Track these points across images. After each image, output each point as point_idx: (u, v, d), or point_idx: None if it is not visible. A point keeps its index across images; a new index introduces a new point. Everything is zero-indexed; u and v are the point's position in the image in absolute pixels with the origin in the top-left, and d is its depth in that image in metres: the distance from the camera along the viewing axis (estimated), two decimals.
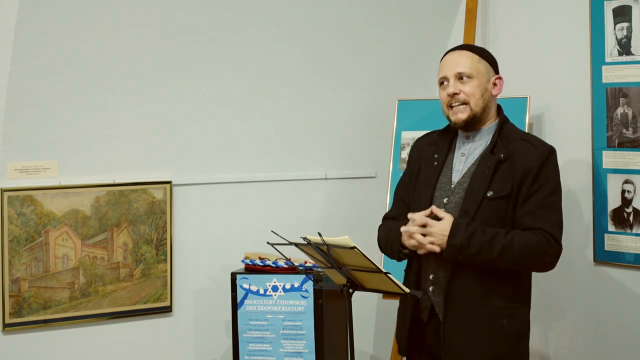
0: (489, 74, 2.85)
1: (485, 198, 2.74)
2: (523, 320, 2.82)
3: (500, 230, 2.72)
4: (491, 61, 2.89)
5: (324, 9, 3.89)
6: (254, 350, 3.52)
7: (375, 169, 4.28)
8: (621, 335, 3.63)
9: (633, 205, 3.56)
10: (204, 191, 3.82)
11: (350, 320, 2.67)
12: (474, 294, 2.74)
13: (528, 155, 2.76)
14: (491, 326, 2.73)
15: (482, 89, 2.82)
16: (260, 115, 3.92)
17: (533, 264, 2.77)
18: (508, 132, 2.84)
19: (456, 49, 2.90)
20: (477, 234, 2.68)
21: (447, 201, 2.82)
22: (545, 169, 2.76)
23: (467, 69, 2.81)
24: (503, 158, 2.76)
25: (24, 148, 3.39)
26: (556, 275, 3.83)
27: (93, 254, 3.55)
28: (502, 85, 2.90)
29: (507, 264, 2.71)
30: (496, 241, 2.68)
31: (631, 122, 3.55)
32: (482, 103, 2.82)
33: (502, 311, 2.75)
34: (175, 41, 3.59)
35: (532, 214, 2.73)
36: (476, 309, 2.73)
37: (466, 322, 2.74)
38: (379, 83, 4.18)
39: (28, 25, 3.22)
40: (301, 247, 2.69)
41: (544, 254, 2.72)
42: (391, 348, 3.97)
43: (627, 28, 3.55)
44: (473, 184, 2.77)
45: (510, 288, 2.78)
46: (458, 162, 2.86)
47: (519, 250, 2.69)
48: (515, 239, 2.69)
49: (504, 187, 2.74)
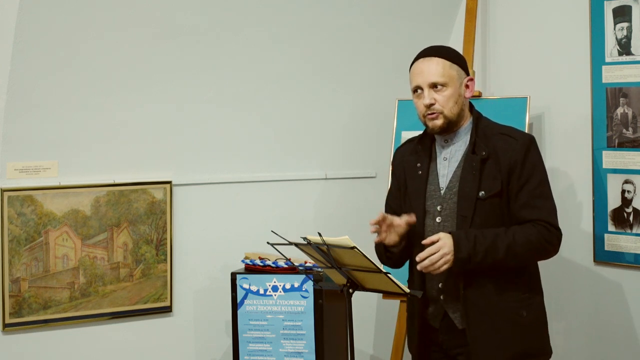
0: (461, 78, 2.83)
1: (478, 199, 2.75)
2: (540, 307, 2.87)
3: (499, 230, 2.72)
4: (461, 63, 2.86)
5: (324, 9, 3.89)
6: (254, 350, 3.52)
7: (375, 169, 4.28)
8: (621, 335, 3.63)
9: (633, 205, 3.56)
10: (204, 191, 3.82)
11: (350, 320, 2.67)
12: (491, 295, 2.75)
13: (510, 148, 2.76)
14: (512, 321, 2.76)
15: (456, 95, 2.81)
16: (261, 115, 3.92)
17: (539, 256, 2.81)
18: (485, 128, 2.84)
19: (426, 54, 2.87)
20: (479, 240, 2.69)
21: (440, 208, 2.81)
22: (530, 158, 2.77)
23: (439, 77, 2.79)
24: (485, 156, 2.76)
25: (24, 148, 3.39)
26: (556, 275, 3.83)
27: (93, 254, 3.55)
28: (474, 86, 2.90)
29: (515, 261, 2.73)
30: (499, 242, 2.69)
31: (631, 122, 3.55)
32: (456, 109, 2.81)
33: (519, 303, 2.78)
34: (175, 41, 3.59)
35: (527, 206, 2.75)
36: (496, 310, 2.75)
37: (489, 325, 2.75)
38: (379, 83, 4.18)
39: (28, 25, 3.22)
40: (301, 247, 2.69)
41: (547, 244, 2.75)
42: (391, 348, 3.97)
43: (627, 28, 3.55)
44: (463, 187, 2.77)
45: (521, 279, 2.81)
46: (442, 167, 2.86)
47: (522, 246, 2.71)
48: (517, 235, 2.71)
49: (493, 185, 2.75)
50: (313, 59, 3.97)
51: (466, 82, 2.85)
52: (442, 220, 2.81)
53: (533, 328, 2.82)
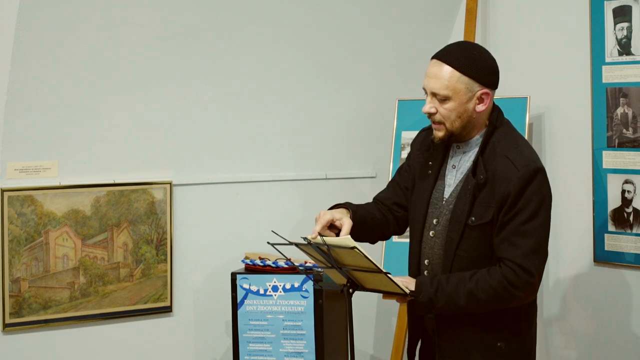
0: (471, 92, 2.60)
1: (467, 225, 2.62)
2: (524, 340, 2.70)
3: (464, 275, 2.60)
4: (478, 74, 2.61)
5: (324, 9, 3.89)
6: (254, 350, 3.52)
7: (375, 169, 4.28)
8: (621, 335, 3.63)
9: (633, 205, 3.56)
10: (204, 191, 3.82)
11: (350, 320, 2.67)
12: (467, 321, 2.66)
13: (507, 178, 2.56)
14: (487, 351, 2.65)
15: (460, 110, 2.60)
16: (261, 115, 3.92)
17: (505, 302, 2.59)
18: (496, 144, 2.64)
19: (441, 57, 2.65)
20: (442, 285, 2.59)
21: (436, 222, 2.73)
22: (526, 193, 2.55)
23: (442, 89, 2.60)
24: (482, 181, 2.61)
25: (24, 148, 3.39)
26: (556, 275, 3.84)
27: (93, 254, 3.55)
28: (491, 99, 2.65)
29: (479, 308, 2.60)
30: (461, 288, 2.57)
31: (631, 122, 3.55)
32: (459, 123, 2.63)
33: (499, 335, 2.65)
34: (176, 41, 3.59)
35: (506, 242, 2.56)
36: (470, 334, 2.66)
37: (460, 349, 2.67)
38: (379, 83, 4.18)
39: (28, 25, 3.22)
40: (301, 247, 2.68)
41: (512, 289, 2.54)
42: (391, 348, 3.97)
43: (627, 28, 3.55)
44: (457, 208, 2.65)
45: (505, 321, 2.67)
46: (450, 175, 2.74)
47: (484, 292, 2.56)
48: (480, 281, 2.56)
49: (485, 214, 2.60)
50: (313, 58, 3.97)
51: (479, 94, 2.61)
52: (434, 235, 2.73)
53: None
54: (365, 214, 2.82)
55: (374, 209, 2.89)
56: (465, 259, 2.65)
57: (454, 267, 2.66)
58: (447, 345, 2.69)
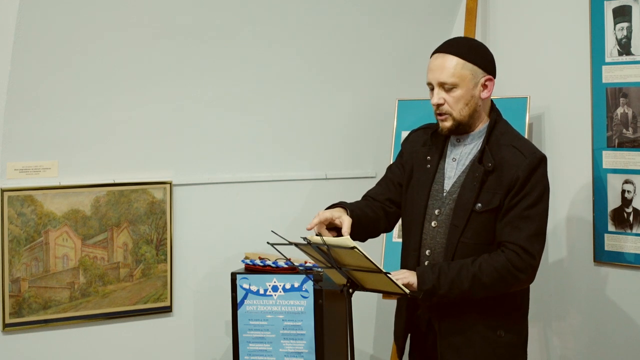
0: (476, 78, 2.71)
1: (473, 211, 2.68)
2: (521, 329, 2.80)
3: (466, 260, 2.65)
4: (480, 61, 2.72)
5: (323, 9, 3.89)
6: (254, 350, 3.52)
7: (375, 169, 4.28)
8: (621, 335, 3.63)
9: (633, 205, 3.56)
10: (204, 191, 3.82)
11: (350, 320, 2.67)
12: (469, 310, 2.71)
13: (516, 165, 2.66)
14: (488, 339, 2.71)
15: (468, 96, 2.70)
16: (261, 115, 3.92)
17: (508, 285, 2.67)
18: (499, 136, 2.74)
19: (443, 50, 2.75)
20: (444, 271, 2.63)
21: (438, 212, 2.77)
22: (533, 179, 2.66)
23: (449, 77, 2.68)
24: (491, 168, 2.68)
25: (24, 148, 3.39)
26: (556, 275, 3.84)
27: (93, 254, 3.55)
28: (493, 86, 2.76)
29: (483, 291, 2.65)
30: (464, 272, 2.62)
31: (631, 122, 3.55)
32: (467, 111, 2.72)
33: (499, 323, 2.72)
34: (175, 41, 3.59)
35: (510, 225, 2.65)
36: (471, 323, 2.71)
37: (462, 337, 2.71)
38: (379, 83, 4.18)
39: (28, 25, 3.22)
40: (301, 247, 2.68)
41: (516, 272, 2.63)
42: (391, 348, 3.97)
43: (627, 28, 3.55)
44: (462, 196, 2.71)
45: (504, 307, 2.74)
46: (450, 168, 2.80)
47: (489, 276, 2.62)
48: (483, 265, 2.62)
49: (492, 200, 2.67)
50: (313, 58, 3.97)
51: (483, 81, 2.72)
52: (437, 225, 2.77)
53: (509, 350, 2.74)
54: (360, 213, 2.84)
55: (366, 207, 2.91)
56: (469, 246, 2.71)
57: (457, 255, 2.71)
58: (448, 334, 2.73)
